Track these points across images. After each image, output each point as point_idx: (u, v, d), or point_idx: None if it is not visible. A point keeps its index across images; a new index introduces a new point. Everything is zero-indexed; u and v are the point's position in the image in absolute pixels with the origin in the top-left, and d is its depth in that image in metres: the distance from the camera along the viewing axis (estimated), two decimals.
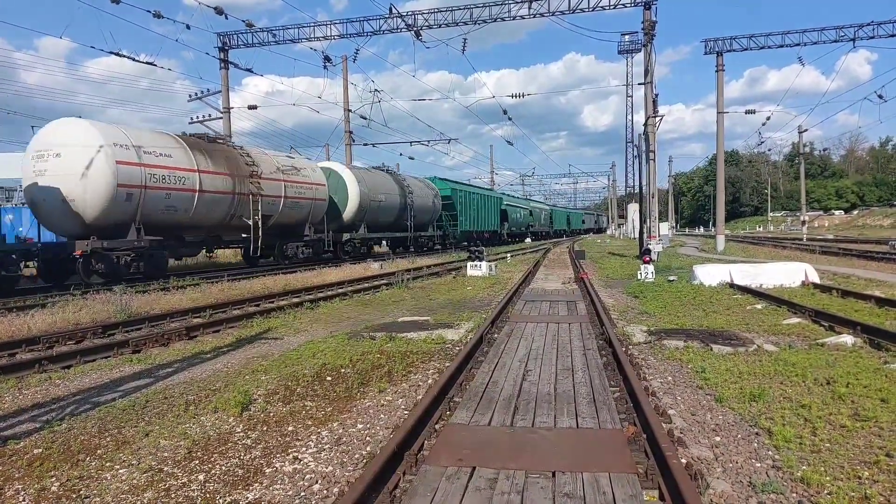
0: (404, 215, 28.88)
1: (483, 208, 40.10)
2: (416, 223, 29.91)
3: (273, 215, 19.88)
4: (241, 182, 18.28)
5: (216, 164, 17.61)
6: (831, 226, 68.17)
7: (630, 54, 44.31)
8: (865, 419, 4.11)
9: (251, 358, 6.80)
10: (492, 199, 43.52)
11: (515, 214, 50.27)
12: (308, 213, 21.90)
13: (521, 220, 52.51)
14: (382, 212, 27.06)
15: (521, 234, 53.40)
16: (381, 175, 28.34)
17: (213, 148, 18.26)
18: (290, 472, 3.52)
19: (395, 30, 24.56)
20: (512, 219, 48.39)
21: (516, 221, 50.46)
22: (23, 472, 3.58)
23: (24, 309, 10.15)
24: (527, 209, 56.64)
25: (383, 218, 27.42)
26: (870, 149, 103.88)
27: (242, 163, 18.77)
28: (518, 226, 51.77)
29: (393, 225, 28.59)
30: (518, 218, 51.39)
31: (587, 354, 6.33)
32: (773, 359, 5.93)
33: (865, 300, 9.66)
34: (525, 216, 54.78)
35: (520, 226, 52.46)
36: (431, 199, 32.10)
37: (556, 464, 3.38)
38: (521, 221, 53.18)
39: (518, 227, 51.78)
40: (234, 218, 18.38)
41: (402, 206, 28.58)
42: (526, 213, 55.35)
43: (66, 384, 5.81)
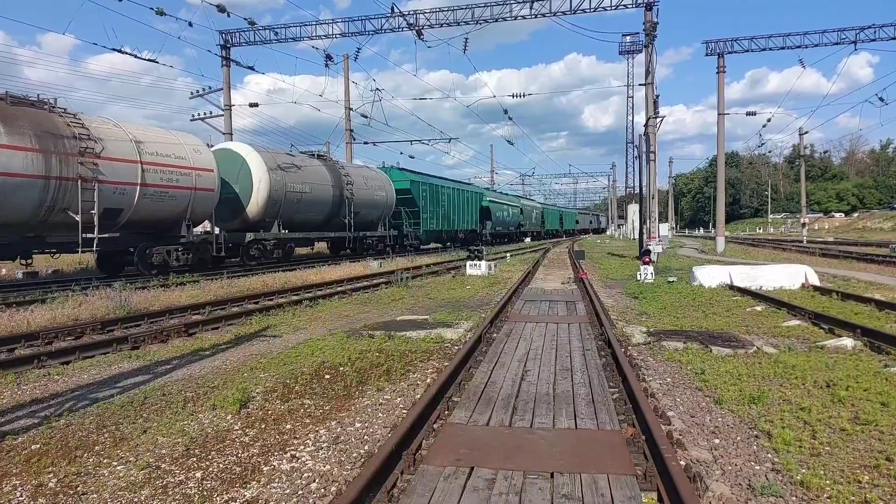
0: (341, 211, 23.36)
1: (456, 205, 34.66)
2: (358, 221, 24.59)
3: (124, 209, 14.98)
4: (62, 162, 13.34)
5: (16, 135, 12.56)
6: (831, 228, 68.15)
7: (631, 55, 44.30)
8: (865, 423, 4.10)
9: (250, 355, 6.79)
10: (468, 195, 37.59)
11: (501, 213, 44.94)
12: (186, 206, 16.74)
13: (507, 220, 47.30)
14: (307, 206, 21.55)
15: (508, 236, 48.71)
16: (306, 161, 22.48)
17: (16, 114, 12.86)
18: (287, 470, 3.51)
19: (396, 29, 24.54)
20: (496, 217, 43.28)
21: (502, 221, 45.29)
22: (20, 468, 3.57)
23: (23, 304, 10.14)
24: (516, 207, 51.17)
25: (309, 214, 21.97)
26: (870, 151, 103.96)
27: (67, 134, 13.61)
28: (504, 225, 46.65)
29: (325, 223, 23.19)
30: (504, 217, 46.08)
31: (586, 355, 6.32)
32: (773, 361, 5.92)
33: (865, 303, 9.65)
34: (514, 215, 49.58)
35: (506, 225, 47.26)
36: (381, 192, 26.42)
37: (554, 464, 3.37)
38: (509, 220, 47.93)
39: (504, 226, 46.73)
40: (54, 212, 13.48)
41: (336, 201, 23.00)
42: (515, 212, 49.95)
43: (64, 380, 5.80)
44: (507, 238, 48.52)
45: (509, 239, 48.98)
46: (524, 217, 53.87)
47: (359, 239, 25.44)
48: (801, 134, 40.79)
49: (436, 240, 33.46)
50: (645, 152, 21.54)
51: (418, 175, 31.55)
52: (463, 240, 35.96)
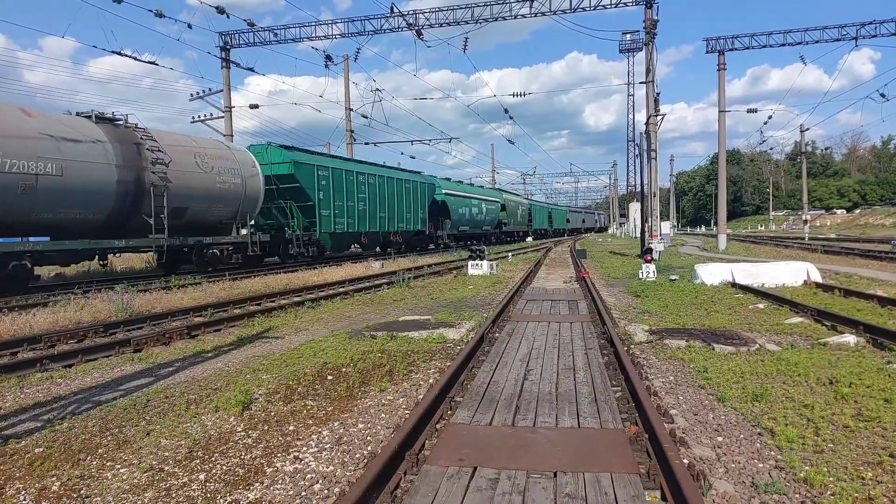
0: (142, 206, 14.98)
1: (387, 198, 26.36)
2: (188, 221, 16.61)
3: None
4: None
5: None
6: (833, 225, 68.02)
7: (631, 53, 44.29)
8: (868, 419, 4.09)
9: (252, 357, 6.79)
10: (410, 186, 28.86)
11: (466, 209, 36.49)
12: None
13: (478, 218, 39.00)
14: (56, 198, 12.92)
15: (483, 237, 40.56)
16: (65, 125, 13.56)
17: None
18: (290, 471, 3.51)
19: (396, 29, 24.55)
20: (459, 215, 35.28)
21: (469, 219, 37.15)
22: (24, 472, 3.58)
23: (26, 308, 10.16)
24: (493, 202, 42.81)
25: (68, 211, 13.39)
26: (872, 148, 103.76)
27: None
28: (474, 224, 38.40)
29: (111, 225, 14.69)
30: (472, 214, 37.71)
31: (589, 354, 6.32)
32: (776, 358, 5.91)
33: (868, 300, 9.63)
34: (489, 212, 41.57)
35: (476, 224, 39.06)
36: (234, 178, 17.87)
37: (557, 464, 3.37)
38: (481, 219, 39.64)
39: (474, 226, 38.47)
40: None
41: (128, 189, 14.55)
42: (491, 208, 42.02)
43: (67, 383, 5.81)
44: (477, 241, 38.82)
45: (485, 240, 40.27)
46: (507, 214, 46.13)
47: (190, 249, 16.85)
48: (802, 131, 40.72)
49: (342, 245, 25.38)
50: (646, 150, 21.52)
51: (314, 156, 22.63)
52: (400, 243, 28.82)
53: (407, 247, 29.81)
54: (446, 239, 34.08)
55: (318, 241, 22.05)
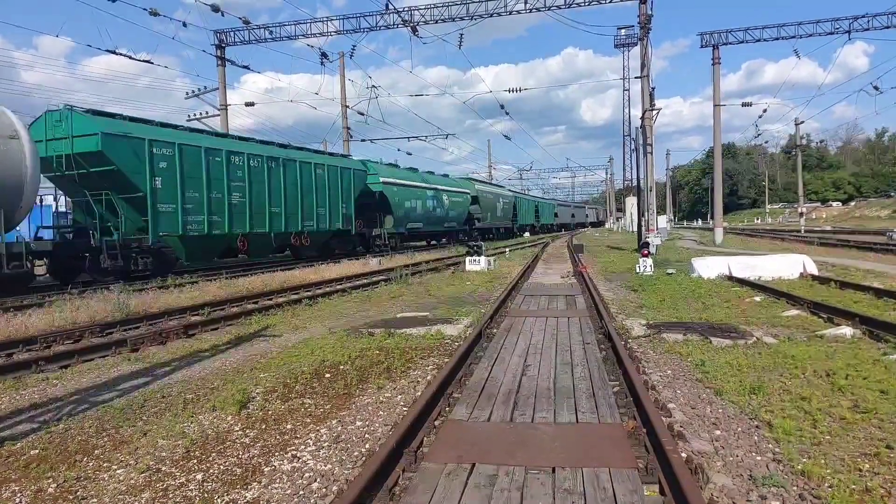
0: None
1: (284, 187, 19.59)
2: None
3: None
4: None
5: None
6: (829, 217, 68.25)
7: (626, 48, 44.33)
8: (865, 411, 4.10)
9: (250, 356, 6.77)
10: (322, 171, 21.77)
11: (414, 202, 28.92)
12: None
13: (435, 213, 31.53)
14: None
15: (441, 236, 34.69)
16: None
17: None
18: (288, 470, 3.50)
19: (391, 26, 24.47)
20: (406, 209, 28.15)
21: (419, 214, 29.63)
22: (20, 474, 3.56)
23: (21, 308, 10.11)
24: (458, 194, 35.18)
25: None
26: (866, 140, 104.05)
27: None
28: (429, 221, 30.97)
29: None
30: (425, 208, 30.11)
31: (586, 348, 6.32)
32: (773, 351, 5.93)
33: (864, 291, 9.66)
34: (454, 205, 34.00)
35: (435, 221, 31.84)
36: None
37: (555, 459, 3.36)
38: (440, 214, 32.14)
39: (429, 222, 31.14)
40: None
41: None
42: (457, 201, 34.60)
43: (63, 384, 5.78)
44: (437, 240, 34.23)
45: (451, 240, 34.81)
46: (482, 208, 39.35)
47: None
48: (797, 124, 40.80)
49: (220, 251, 18.51)
50: (642, 145, 21.52)
51: (147, 127, 15.69)
52: (308, 248, 21.72)
53: (323, 252, 22.95)
54: (386, 239, 26.51)
55: (155, 248, 15.37)
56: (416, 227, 30.21)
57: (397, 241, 28.35)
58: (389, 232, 27.14)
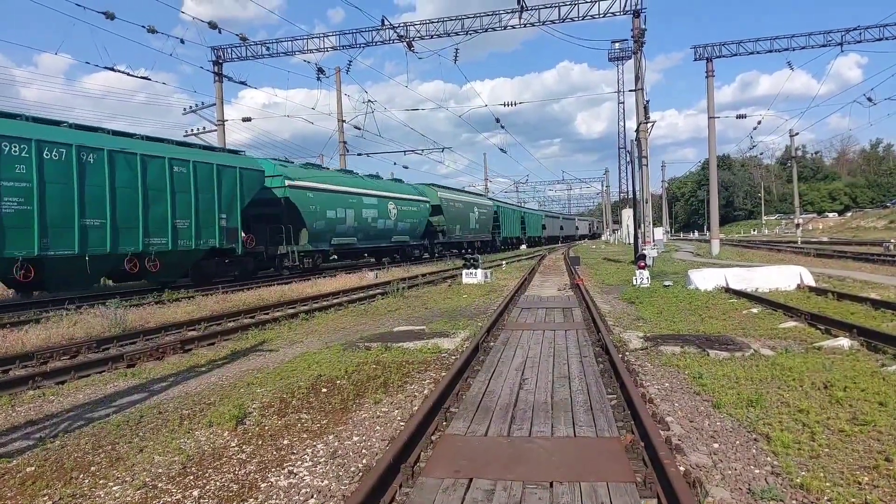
0: None
1: (119, 191, 14.23)
2: None
3: None
4: None
5: None
6: (825, 228, 68.53)
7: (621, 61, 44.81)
8: (864, 423, 4.10)
9: (246, 370, 6.75)
10: (193, 170, 16.30)
11: (341, 212, 23.45)
12: None
13: (375, 225, 26.13)
14: None
15: (388, 253, 28.61)
16: None
17: None
18: (285, 486, 3.48)
19: (387, 41, 24.71)
20: (327, 221, 22.63)
21: (349, 227, 24.14)
22: (15, 491, 3.53)
23: (18, 324, 10.07)
24: (419, 203, 30.25)
25: None
26: (861, 151, 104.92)
27: None
28: (367, 235, 25.66)
29: None
30: (358, 219, 24.69)
31: (584, 361, 6.31)
32: (770, 363, 5.93)
33: (861, 302, 9.68)
34: (403, 216, 28.35)
35: (376, 235, 26.55)
36: None
37: (553, 474, 3.35)
38: (383, 227, 26.75)
39: (367, 236, 25.77)
40: None
41: None
42: (407, 211, 28.92)
43: (59, 400, 5.75)
44: (378, 257, 28.47)
45: (403, 257, 29.65)
46: (449, 220, 33.39)
47: None
48: (791, 135, 41.16)
49: None
50: (637, 157, 21.67)
51: None
52: (157, 274, 15.54)
53: (196, 277, 17.77)
54: (297, 259, 20.98)
55: None
56: (347, 243, 24.23)
57: (316, 259, 22.63)
58: (303, 250, 21.40)
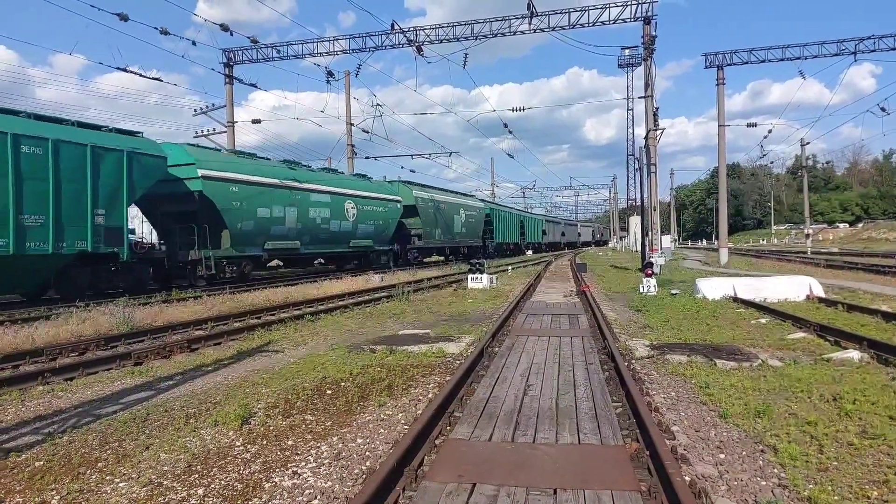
0: None
1: None
2: None
3: None
4: None
5: None
6: (836, 239, 67.92)
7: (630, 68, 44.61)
8: (873, 437, 4.05)
9: (252, 371, 6.78)
10: (51, 151, 12.39)
11: (276, 210, 19.66)
12: None
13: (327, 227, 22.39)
14: None
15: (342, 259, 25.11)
16: None
17: None
18: (289, 487, 3.49)
19: (397, 45, 24.82)
20: (259, 222, 19.08)
21: (290, 230, 20.48)
22: (24, 485, 3.57)
23: (28, 321, 10.17)
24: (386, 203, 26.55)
25: None
26: (873, 161, 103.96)
27: None
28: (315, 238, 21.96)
29: None
30: (304, 221, 21.05)
31: (589, 369, 6.29)
32: (778, 374, 5.88)
33: (872, 315, 9.58)
34: (364, 216, 24.54)
35: (327, 239, 22.74)
36: None
37: (557, 481, 3.34)
38: (337, 230, 23.00)
39: (315, 240, 22.05)
40: None
41: None
42: (371, 212, 25.10)
43: (68, 396, 5.80)
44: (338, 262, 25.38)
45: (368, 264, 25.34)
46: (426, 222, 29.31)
47: None
48: (802, 145, 40.90)
49: None
50: (646, 165, 21.61)
51: None
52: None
53: (63, 289, 14.03)
54: (212, 268, 16.80)
55: None
56: (286, 248, 20.34)
57: (245, 267, 18.58)
58: (225, 256, 17.39)
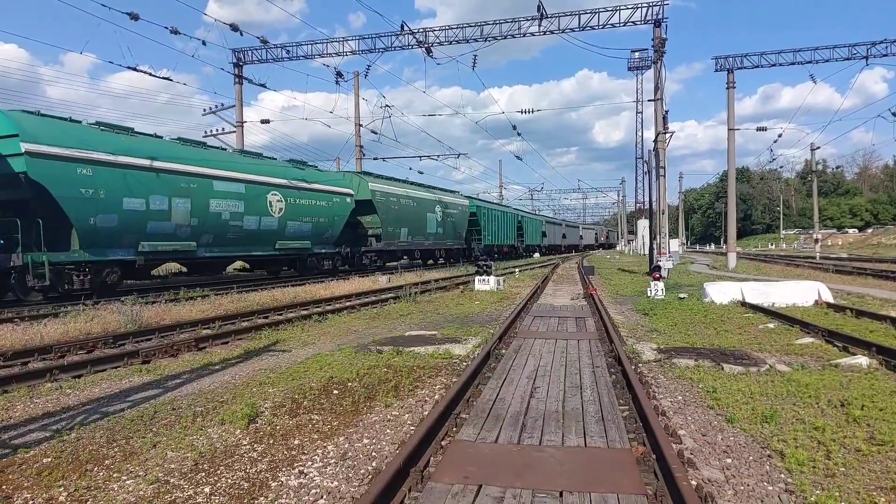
0: None
1: None
2: None
3: None
4: None
5: None
6: (845, 244, 67.31)
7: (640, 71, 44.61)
8: (882, 443, 4.02)
9: (259, 370, 6.81)
10: None
11: (161, 202, 15.10)
12: None
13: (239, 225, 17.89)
14: None
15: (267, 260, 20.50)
16: None
17: None
18: (295, 486, 3.50)
19: (406, 46, 24.89)
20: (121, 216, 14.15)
21: (188, 226, 16.01)
22: (32, 481, 3.60)
23: (37, 318, 10.26)
24: (330, 196, 22.24)
25: None
26: (884, 166, 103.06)
27: None
28: (227, 241, 17.67)
29: None
30: (201, 215, 16.38)
31: (596, 372, 6.27)
32: (786, 379, 5.84)
33: (881, 321, 9.50)
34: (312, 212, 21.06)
35: (251, 239, 18.63)
36: None
37: (563, 483, 3.34)
38: (260, 228, 18.62)
39: (228, 242, 17.73)
40: None
41: None
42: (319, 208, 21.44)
43: (76, 393, 5.85)
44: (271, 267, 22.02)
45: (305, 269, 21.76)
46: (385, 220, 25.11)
47: None
48: (812, 149, 40.59)
49: None
50: (654, 168, 21.53)
51: None
52: None
53: None
54: (52, 276, 12.78)
55: None
56: (176, 250, 16.04)
57: (107, 276, 14.38)
58: (69, 262, 13.41)
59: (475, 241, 35.73)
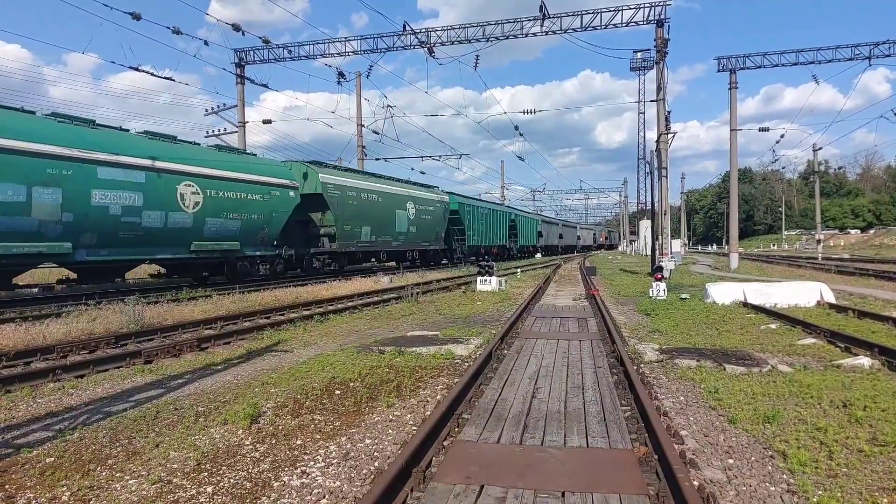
0: None
1: None
2: None
3: None
4: None
5: None
6: (847, 245, 67.19)
7: (642, 71, 44.60)
8: (884, 444, 4.02)
9: (261, 370, 6.82)
10: None
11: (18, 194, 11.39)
12: None
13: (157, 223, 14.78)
14: None
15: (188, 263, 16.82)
16: None
17: None
18: (297, 486, 3.51)
19: (408, 46, 24.87)
20: None
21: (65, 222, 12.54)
22: (35, 481, 3.61)
23: (40, 318, 10.29)
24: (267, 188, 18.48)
25: None
26: (886, 167, 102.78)
27: None
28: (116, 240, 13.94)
29: None
30: (82, 211, 12.91)
31: (598, 372, 6.27)
32: (788, 380, 5.84)
33: (883, 321, 9.48)
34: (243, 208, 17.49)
35: (163, 240, 15.19)
36: None
37: (565, 484, 3.34)
38: (182, 224, 15.50)
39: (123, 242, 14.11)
40: None
41: None
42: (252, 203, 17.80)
43: (78, 393, 5.86)
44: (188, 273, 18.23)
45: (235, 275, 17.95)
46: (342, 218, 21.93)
47: None
48: (815, 150, 40.50)
49: None
50: (656, 168, 21.51)
51: None
52: None
53: None
54: None
55: None
56: (41, 253, 12.74)
57: None
58: None
59: (457, 241, 31.98)
